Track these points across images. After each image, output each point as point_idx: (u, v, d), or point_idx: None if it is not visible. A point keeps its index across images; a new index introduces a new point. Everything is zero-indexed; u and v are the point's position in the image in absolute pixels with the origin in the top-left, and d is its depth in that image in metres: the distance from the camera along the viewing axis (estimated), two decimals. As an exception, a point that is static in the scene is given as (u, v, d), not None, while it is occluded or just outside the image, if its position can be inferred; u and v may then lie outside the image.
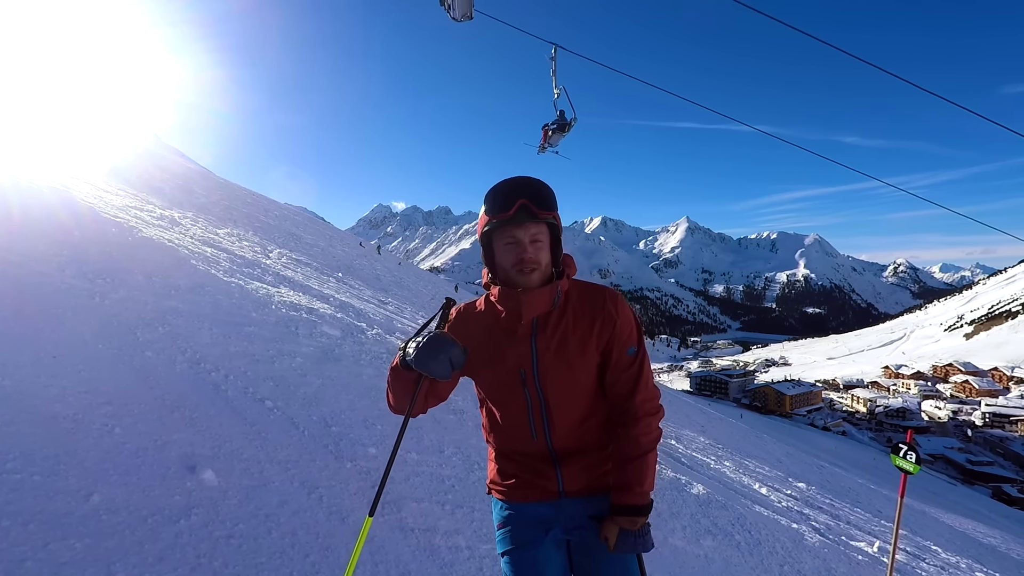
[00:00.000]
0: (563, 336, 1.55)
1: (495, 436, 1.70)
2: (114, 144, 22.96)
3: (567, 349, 1.55)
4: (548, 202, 1.51)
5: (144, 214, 9.58)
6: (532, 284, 1.53)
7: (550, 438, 1.58)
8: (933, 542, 10.24)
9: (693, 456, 9.81)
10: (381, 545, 2.77)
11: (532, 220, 1.48)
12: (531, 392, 1.57)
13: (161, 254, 6.17)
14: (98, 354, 3.22)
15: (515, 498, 1.65)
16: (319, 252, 17.50)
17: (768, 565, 5.10)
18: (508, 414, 1.63)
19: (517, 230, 1.49)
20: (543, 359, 1.55)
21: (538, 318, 1.56)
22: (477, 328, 1.64)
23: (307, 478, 3.01)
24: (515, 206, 1.46)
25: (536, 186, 1.51)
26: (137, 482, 2.35)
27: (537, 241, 1.52)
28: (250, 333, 4.83)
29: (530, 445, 1.61)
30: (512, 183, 1.51)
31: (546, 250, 1.54)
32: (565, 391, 1.56)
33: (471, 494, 3.69)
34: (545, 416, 1.57)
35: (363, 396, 4.51)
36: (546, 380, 1.55)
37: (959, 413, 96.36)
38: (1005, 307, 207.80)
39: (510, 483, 1.66)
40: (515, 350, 1.57)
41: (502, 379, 1.60)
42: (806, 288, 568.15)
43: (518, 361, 1.56)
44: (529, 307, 1.53)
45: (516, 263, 1.51)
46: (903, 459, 5.12)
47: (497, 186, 1.52)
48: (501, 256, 1.55)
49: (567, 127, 8.61)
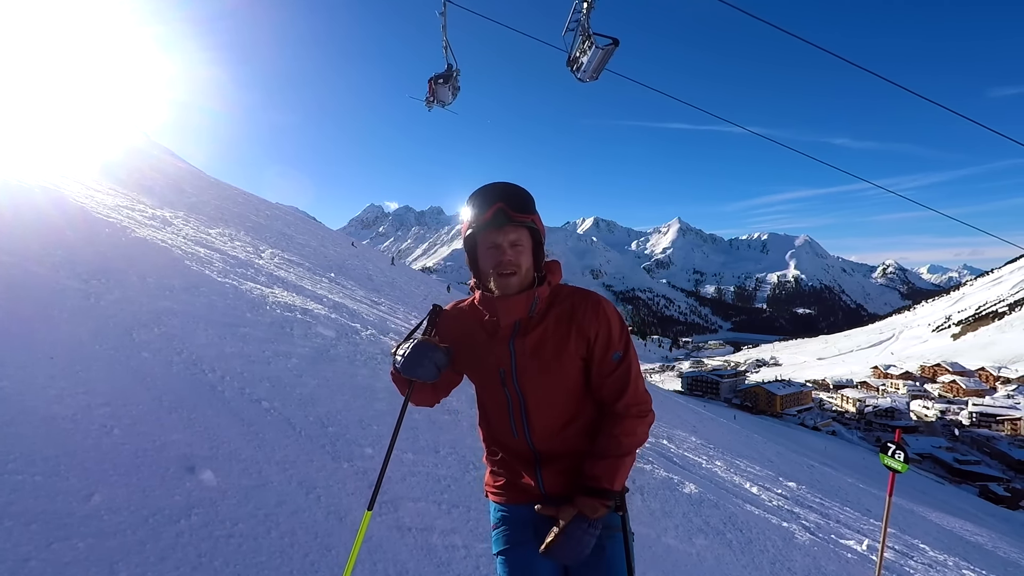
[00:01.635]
0: (540, 340, 1.58)
1: (485, 431, 1.76)
2: (104, 143, 22.75)
3: (543, 353, 1.57)
4: (525, 206, 1.54)
5: (136, 214, 9.52)
6: (511, 288, 1.57)
7: (530, 438, 1.62)
8: (921, 540, 10.38)
9: (685, 456, 9.89)
10: (379, 544, 2.79)
11: (510, 224, 1.52)
12: (511, 392, 1.61)
13: (155, 255, 6.15)
14: (95, 355, 3.22)
15: (506, 500, 1.70)
16: (311, 252, 17.45)
17: (759, 563, 5.17)
18: (493, 411, 1.69)
19: (496, 234, 1.53)
20: (520, 360, 1.59)
21: (520, 321, 1.60)
22: (464, 328, 1.70)
23: (305, 478, 3.04)
24: (492, 210, 1.51)
25: (513, 190, 1.55)
26: (137, 482, 2.36)
27: (517, 245, 1.55)
28: (245, 334, 4.83)
29: (513, 443, 1.66)
30: (489, 188, 1.56)
31: (527, 254, 1.58)
32: (544, 393, 1.59)
33: (467, 494, 3.72)
34: (525, 416, 1.61)
35: (358, 396, 4.53)
36: (524, 381, 1.59)
37: (947, 413, 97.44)
38: (992, 308, 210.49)
39: (500, 484, 1.72)
40: (495, 351, 1.61)
41: (485, 378, 1.67)
42: (796, 289, 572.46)
43: (498, 361, 1.61)
44: (505, 312, 1.57)
45: (495, 266, 1.55)
46: (891, 458, 5.21)
47: (476, 192, 1.57)
48: (483, 260, 1.59)
49: (451, 78, 8.69)
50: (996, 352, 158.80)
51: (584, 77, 7.44)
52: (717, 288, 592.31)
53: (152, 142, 42.26)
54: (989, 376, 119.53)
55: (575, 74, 7.51)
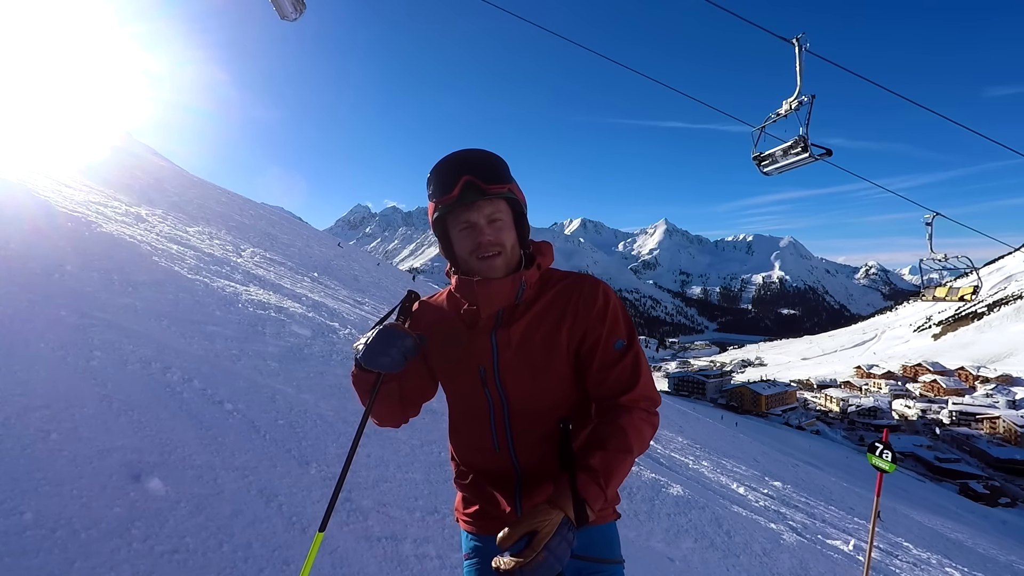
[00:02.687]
0: (527, 331, 1.35)
1: (457, 447, 1.53)
2: (82, 140, 22.16)
3: (531, 345, 1.35)
4: (498, 174, 1.29)
5: (108, 210, 9.18)
6: (496, 271, 1.33)
7: (513, 450, 1.39)
8: (904, 539, 10.41)
9: (672, 456, 9.79)
10: (344, 556, 2.60)
11: (483, 198, 1.28)
12: (492, 393, 1.38)
13: (120, 250, 5.88)
14: (38, 354, 2.99)
15: (478, 530, 1.48)
16: (295, 252, 17.11)
17: (746, 565, 5.06)
18: (470, 419, 1.46)
19: (470, 212, 1.29)
20: (503, 356, 1.35)
21: (504, 310, 1.37)
22: (437, 321, 1.46)
23: (266, 485, 2.83)
24: (459, 185, 1.26)
25: (480, 158, 1.30)
26: (72, 493, 2.14)
27: (496, 220, 1.31)
28: (212, 332, 4.60)
29: (492, 460, 1.43)
30: (452, 159, 1.29)
31: (509, 229, 1.34)
32: (530, 393, 1.37)
33: (443, 500, 3.54)
34: (508, 424, 1.39)
35: (330, 396, 4.33)
36: (507, 380, 1.36)
37: (928, 412, 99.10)
38: (971, 308, 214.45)
39: (472, 511, 1.49)
40: (474, 344, 1.38)
41: (461, 378, 1.43)
42: (781, 290, 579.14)
43: (477, 357, 1.38)
44: (486, 299, 1.34)
45: (474, 248, 1.31)
46: (879, 458, 5.13)
47: (438, 165, 1.30)
48: (458, 244, 1.35)
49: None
50: (975, 352, 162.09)
51: (771, 172, 7.28)
52: (703, 289, 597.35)
53: (134, 140, 41.38)
54: (969, 376, 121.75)
55: (760, 166, 7.31)
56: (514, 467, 1.40)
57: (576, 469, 1.15)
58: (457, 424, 1.52)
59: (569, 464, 1.18)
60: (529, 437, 1.38)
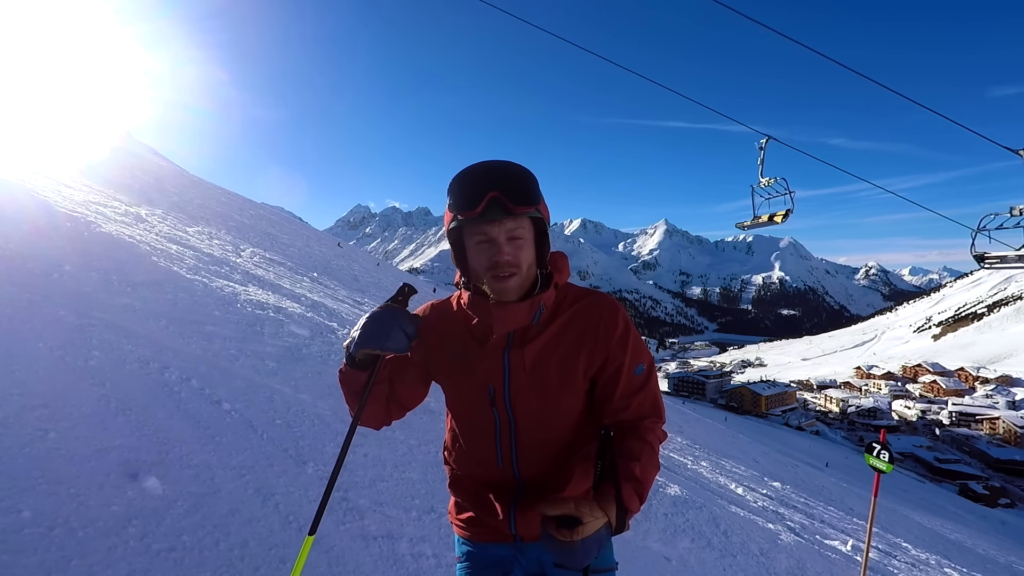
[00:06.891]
0: (541, 353, 1.30)
1: (456, 457, 1.51)
2: (83, 140, 22.18)
3: (545, 369, 1.30)
4: (527, 194, 1.21)
5: (107, 210, 9.20)
6: (509, 292, 1.26)
7: (517, 465, 1.37)
8: (903, 539, 10.41)
9: (671, 456, 9.80)
10: (340, 555, 2.62)
11: (508, 215, 1.20)
12: (500, 413, 1.34)
13: (119, 250, 5.90)
14: (37, 354, 3.00)
15: (471, 536, 1.48)
16: (295, 252, 17.14)
17: (743, 565, 5.07)
18: (473, 434, 1.42)
19: (490, 226, 1.21)
20: (515, 377, 1.31)
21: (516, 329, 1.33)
22: (446, 332, 1.40)
23: (263, 484, 2.84)
24: (483, 201, 1.17)
25: (511, 173, 1.21)
26: (70, 491, 2.16)
27: (516, 239, 1.23)
28: (210, 332, 4.62)
29: (493, 473, 1.40)
30: (481, 171, 1.20)
31: (528, 248, 1.26)
32: (539, 414, 1.33)
33: (440, 499, 3.55)
34: (514, 443, 1.36)
35: (327, 396, 4.35)
36: (517, 401, 1.32)
37: (927, 412, 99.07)
38: (971, 309, 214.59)
39: (467, 517, 1.48)
40: (485, 363, 1.33)
41: (469, 393, 1.38)
42: (781, 290, 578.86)
43: (487, 376, 1.33)
44: (501, 323, 1.27)
45: (490, 266, 1.23)
46: (876, 458, 5.14)
47: (463, 174, 1.22)
48: (473, 257, 1.27)
49: None
50: (975, 352, 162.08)
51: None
52: (703, 289, 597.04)
53: (134, 140, 41.42)
54: (968, 376, 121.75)
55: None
56: (516, 480, 1.39)
57: (620, 479, 1.16)
58: (459, 435, 1.48)
59: (612, 473, 1.18)
60: (535, 453, 1.36)
